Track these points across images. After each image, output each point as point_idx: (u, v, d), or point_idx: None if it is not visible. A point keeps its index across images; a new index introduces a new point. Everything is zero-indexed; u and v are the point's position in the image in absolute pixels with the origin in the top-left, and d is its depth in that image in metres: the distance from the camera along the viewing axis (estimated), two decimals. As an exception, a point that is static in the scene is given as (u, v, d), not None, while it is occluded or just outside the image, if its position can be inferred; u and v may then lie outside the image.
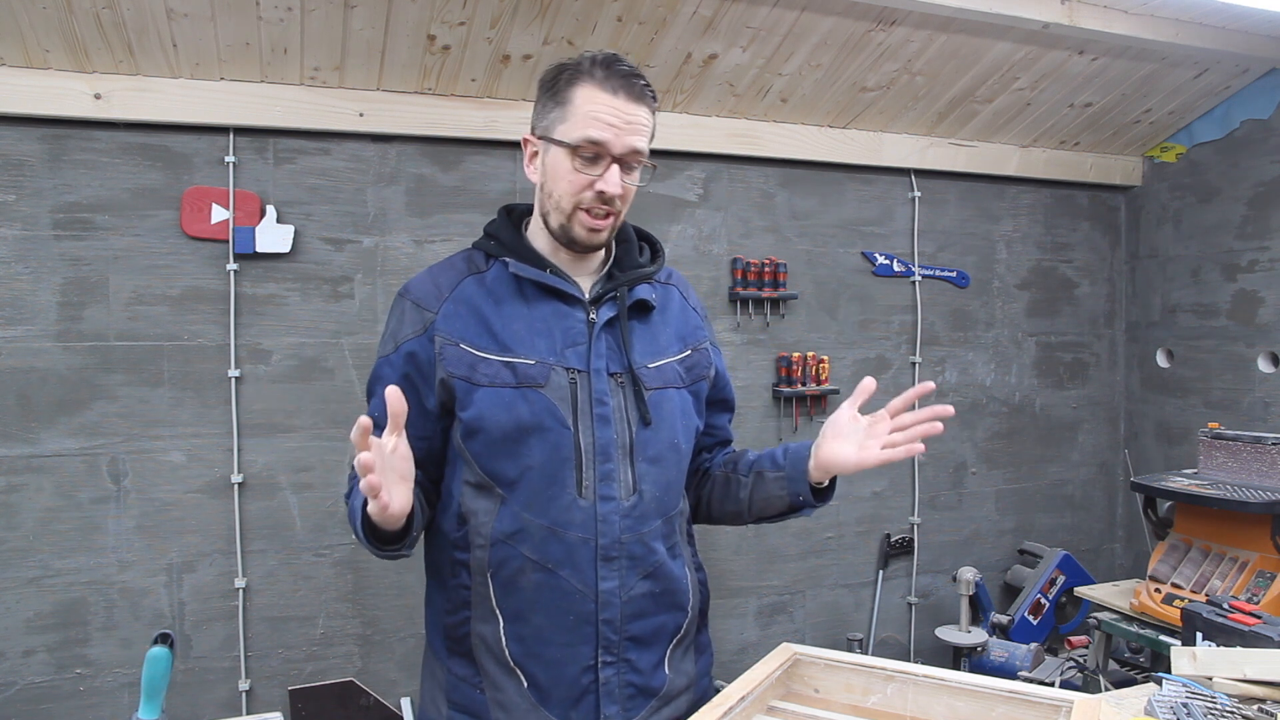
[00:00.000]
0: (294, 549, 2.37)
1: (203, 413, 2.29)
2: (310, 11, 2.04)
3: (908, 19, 2.37)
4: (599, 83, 1.18)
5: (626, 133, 1.18)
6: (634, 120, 1.19)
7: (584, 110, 1.17)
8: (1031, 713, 1.09)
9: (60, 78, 2.09)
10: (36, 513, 2.16)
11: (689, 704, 1.31)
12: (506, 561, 1.21)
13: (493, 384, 1.19)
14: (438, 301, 1.25)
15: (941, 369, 3.15)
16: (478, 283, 1.26)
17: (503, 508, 1.21)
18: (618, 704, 1.22)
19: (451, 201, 2.50)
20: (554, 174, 1.21)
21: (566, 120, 1.18)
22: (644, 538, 1.23)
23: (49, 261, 2.15)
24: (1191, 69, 2.81)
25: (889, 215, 3.06)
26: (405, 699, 2.36)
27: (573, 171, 1.19)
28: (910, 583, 3.15)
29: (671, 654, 1.29)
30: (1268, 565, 2.23)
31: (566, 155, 1.18)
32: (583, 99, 1.18)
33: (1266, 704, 1.35)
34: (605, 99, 1.17)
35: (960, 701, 1.12)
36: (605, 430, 1.21)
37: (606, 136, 1.17)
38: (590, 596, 1.20)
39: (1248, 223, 2.96)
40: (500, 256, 1.27)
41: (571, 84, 1.19)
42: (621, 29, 2.26)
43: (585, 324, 1.24)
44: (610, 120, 1.17)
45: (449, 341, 1.22)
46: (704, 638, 1.39)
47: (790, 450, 1.34)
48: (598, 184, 1.18)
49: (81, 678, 2.20)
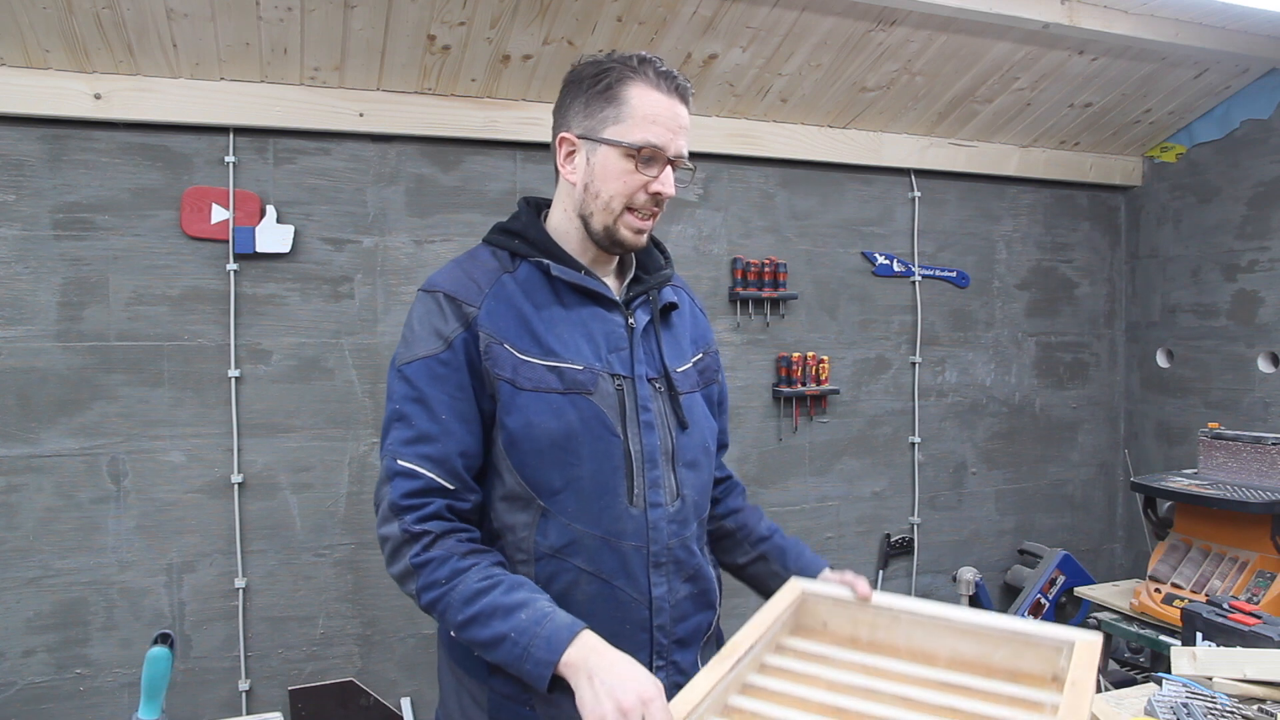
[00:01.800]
0: (294, 549, 2.37)
1: (203, 413, 2.29)
2: (310, 11, 2.04)
3: (908, 19, 2.37)
4: (653, 84, 1.17)
5: (680, 135, 1.19)
6: (685, 123, 1.20)
7: (642, 112, 1.16)
8: (1033, 653, 1.09)
9: (60, 78, 2.09)
10: (36, 513, 2.16)
11: None
12: (558, 575, 1.17)
13: (538, 389, 1.15)
14: (479, 297, 1.18)
15: (941, 369, 3.16)
16: (513, 281, 1.21)
17: (544, 520, 1.17)
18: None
19: (451, 201, 2.50)
20: (605, 174, 1.19)
21: (623, 121, 1.16)
22: (686, 541, 1.25)
23: (49, 261, 2.15)
24: (1191, 69, 2.81)
25: (889, 215, 3.06)
26: (405, 699, 2.36)
27: (629, 173, 1.17)
28: (910, 583, 3.14)
29: (703, 651, 1.30)
30: (1268, 565, 2.23)
31: (622, 156, 1.17)
32: (639, 100, 1.16)
33: (1266, 704, 1.35)
34: (662, 100, 1.17)
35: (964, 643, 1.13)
36: (651, 437, 1.21)
37: (665, 139, 1.17)
38: (644, 604, 1.20)
39: (1248, 223, 2.96)
40: (528, 256, 1.23)
41: (623, 84, 1.17)
42: (621, 29, 2.26)
43: (625, 329, 1.23)
44: (668, 124, 1.17)
45: (494, 340, 1.16)
46: (720, 630, 1.40)
47: (804, 562, 1.39)
48: (653, 185, 1.18)
49: (81, 678, 2.20)
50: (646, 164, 1.17)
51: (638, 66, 1.17)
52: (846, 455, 3.02)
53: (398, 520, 1.10)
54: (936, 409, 3.14)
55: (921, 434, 3.10)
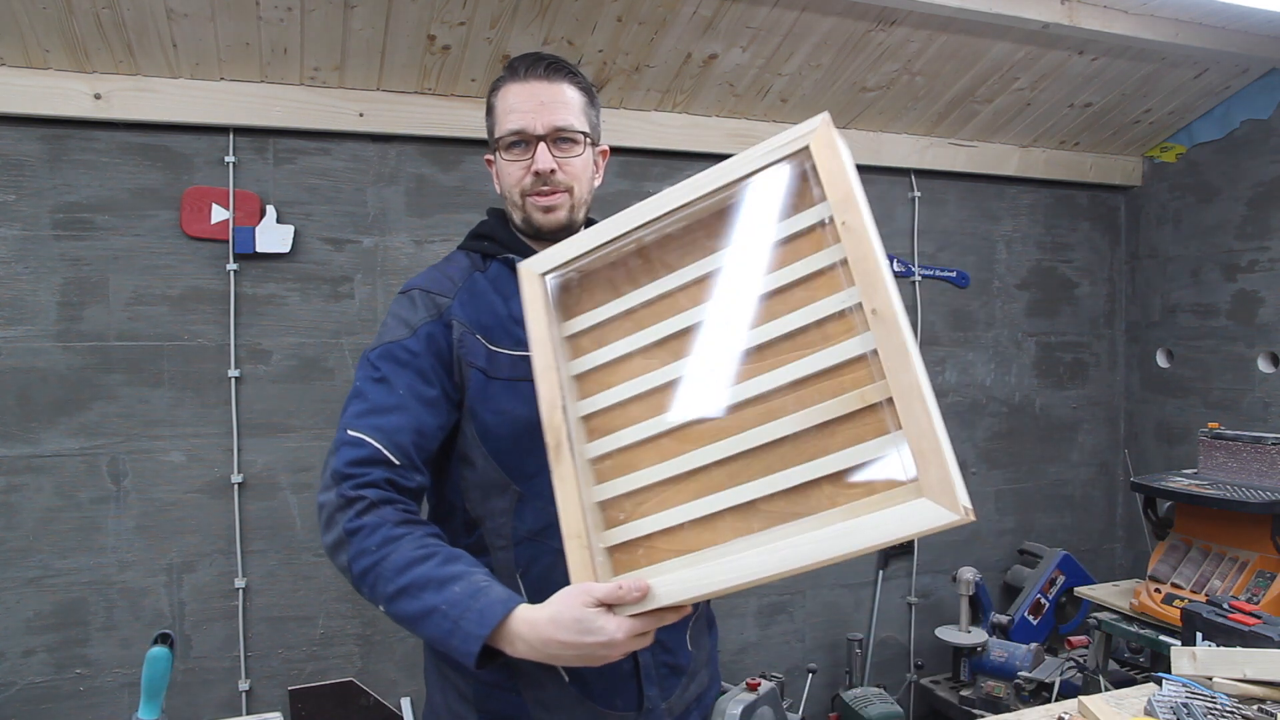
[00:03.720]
0: (294, 549, 2.37)
1: (203, 413, 2.29)
2: (310, 11, 2.04)
3: (908, 19, 2.37)
4: (517, 79, 1.22)
5: (545, 112, 1.20)
6: (551, 98, 1.21)
7: (503, 109, 1.22)
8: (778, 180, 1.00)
9: (60, 78, 2.09)
10: (36, 513, 2.16)
11: (708, 678, 1.36)
12: (537, 558, 1.19)
13: (510, 378, 1.18)
14: (452, 288, 1.23)
15: (941, 369, 3.15)
16: (484, 279, 1.26)
17: (521, 504, 1.19)
18: (656, 685, 1.23)
19: (451, 201, 2.50)
20: (501, 176, 1.26)
21: (496, 125, 1.24)
22: None
23: (49, 261, 2.15)
24: (1191, 69, 2.81)
25: (889, 215, 3.06)
26: (405, 699, 2.36)
27: (510, 164, 1.23)
28: (910, 583, 3.14)
29: (691, 631, 1.31)
30: (1268, 565, 2.23)
31: (502, 155, 1.23)
32: (502, 101, 1.23)
33: (1266, 704, 1.35)
34: (522, 89, 1.21)
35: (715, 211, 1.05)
36: None
37: (525, 122, 1.20)
38: None
39: (1248, 223, 2.96)
40: (497, 255, 1.28)
41: (495, 94, 1.25)
42: (621, 29, 2.26)
43: None
44: (525, 107, 1.20)
45: (468, 330, 1.20)
46: (710, 613, 1.42)
47: None
48: (533, 167, 1.21)
49: (81, 678, 2.20)
50: (522, 150, 1.21)
51: (505, 73, 1.24)
52: (846, 455, 3.02)
53: (336, 487, 1.07)
54: (936, 409, 3.13)
55: (921, 434, 3.09)
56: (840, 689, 2.86)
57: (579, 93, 1.24)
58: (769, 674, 2.70)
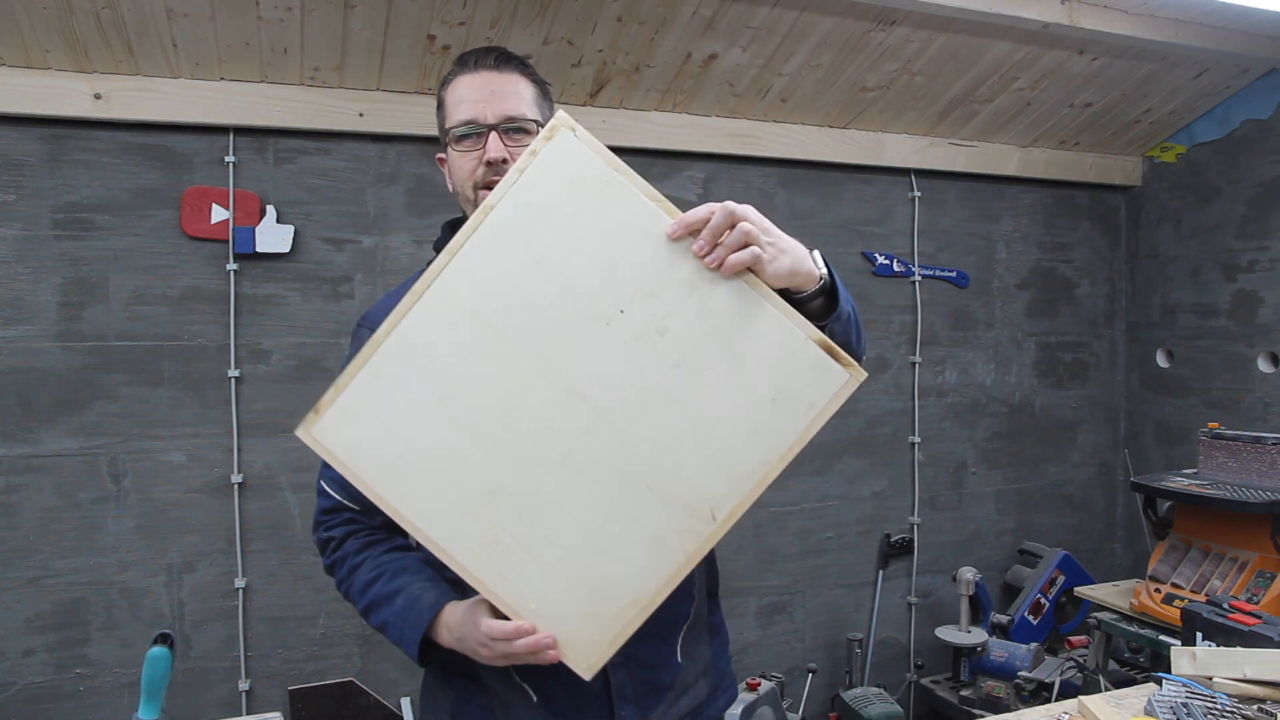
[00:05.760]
0: (294, 549, 2.37)
1: (203, 413, 2.29)
2: (310, 11, 2.04)
3: (908, 19, 2.37)
4: (466, 72, 1.21)
5: (496, 101, 1.18)
6: (501, 88, 1.19)
7: (452, 103, 1.21)
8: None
9: (60, 78, 2.09)
10: (36, 513, 2.16)
11: (708, 689, 1.29)
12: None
13: None
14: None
15: (941, 369, 3.16)
16: None
17: None
18: (632, 704, 1.19)
19: (451, 202, 2.47)
20: (453, 171, 1.24)
21: (445, 117, 1.22)
22: None
23: (49, 261, 2.15)
24: (1191, 69, 2.81)
25: (889, 215, 3.06)
26: (405, 699, 2.36)
27: (462, 157, 1.21)
28: (910, 583, 3.15)
29: (684, 640, 1.25)
30: (1268, 565, 2.23)
31: (453, 149, 1.21)
32: (451, 95, 1.21)
33: (1266, 704, 1.35)
34: (471, 81, 1.20)
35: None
36: None
37: (475, 112, 1.18)
38: None
39: (1248, 223, 2.96)
40: None
41: (444, 90, 1.23)
42: (621, 29, 2.26)
43: None
44: (476, 97, 1.18)
45: None
46: (716, 618, 1.36)
47: None
48: (485, 156, 1.19)
49: (81, 678, 2.20)
50: (474, 141, 1.19)
51: (455, 66, 1.22)
52: (846, 455, 3.02)
53: (314, 533, 1.26)
54: (936, 409, 3.14)
55: (921, 434, 3.10)
56: (840, 689, 2.86)
57: (530, 85, 1.22)
58: (769, 674, 2.71)
